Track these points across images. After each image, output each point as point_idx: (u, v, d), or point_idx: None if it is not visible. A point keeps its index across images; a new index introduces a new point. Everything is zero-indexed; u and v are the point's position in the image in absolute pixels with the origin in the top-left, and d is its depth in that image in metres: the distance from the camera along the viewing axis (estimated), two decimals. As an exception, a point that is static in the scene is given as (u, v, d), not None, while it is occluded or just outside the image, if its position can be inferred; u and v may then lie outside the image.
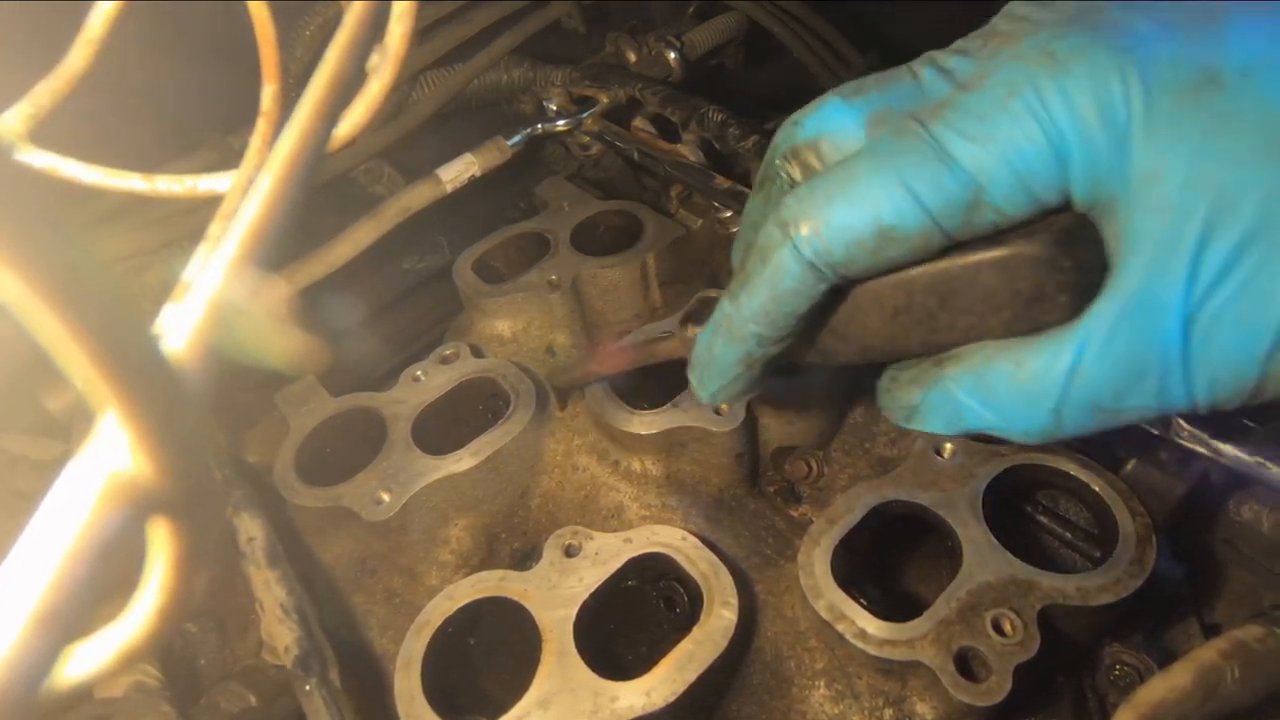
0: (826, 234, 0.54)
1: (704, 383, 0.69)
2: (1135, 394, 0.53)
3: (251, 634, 0.93)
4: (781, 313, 0.59)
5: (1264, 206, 0.47)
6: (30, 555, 0.20)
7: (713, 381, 0.68)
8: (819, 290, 0.57)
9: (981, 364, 0.57)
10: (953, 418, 0.59)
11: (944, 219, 0.52)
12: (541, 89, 1.42)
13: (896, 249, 0.54)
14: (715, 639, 0.74)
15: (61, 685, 0.23)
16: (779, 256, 0.56)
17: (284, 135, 0.32)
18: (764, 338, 0.61)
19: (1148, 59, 0.48)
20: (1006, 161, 0.50)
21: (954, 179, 0.51)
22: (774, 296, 0.58)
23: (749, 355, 0.63)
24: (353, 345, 1.24)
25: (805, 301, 0.58)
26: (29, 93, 0.79)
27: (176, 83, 1.16)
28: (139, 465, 0.21)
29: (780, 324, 0.59)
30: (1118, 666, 0.81)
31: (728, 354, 0.64)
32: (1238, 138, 0.48)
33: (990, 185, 0.51)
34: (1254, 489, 0.89)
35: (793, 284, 0.57)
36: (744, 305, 0.60)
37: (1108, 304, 0.52)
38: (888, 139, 0.54)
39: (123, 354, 0.20)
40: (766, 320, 0.59)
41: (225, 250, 0.28)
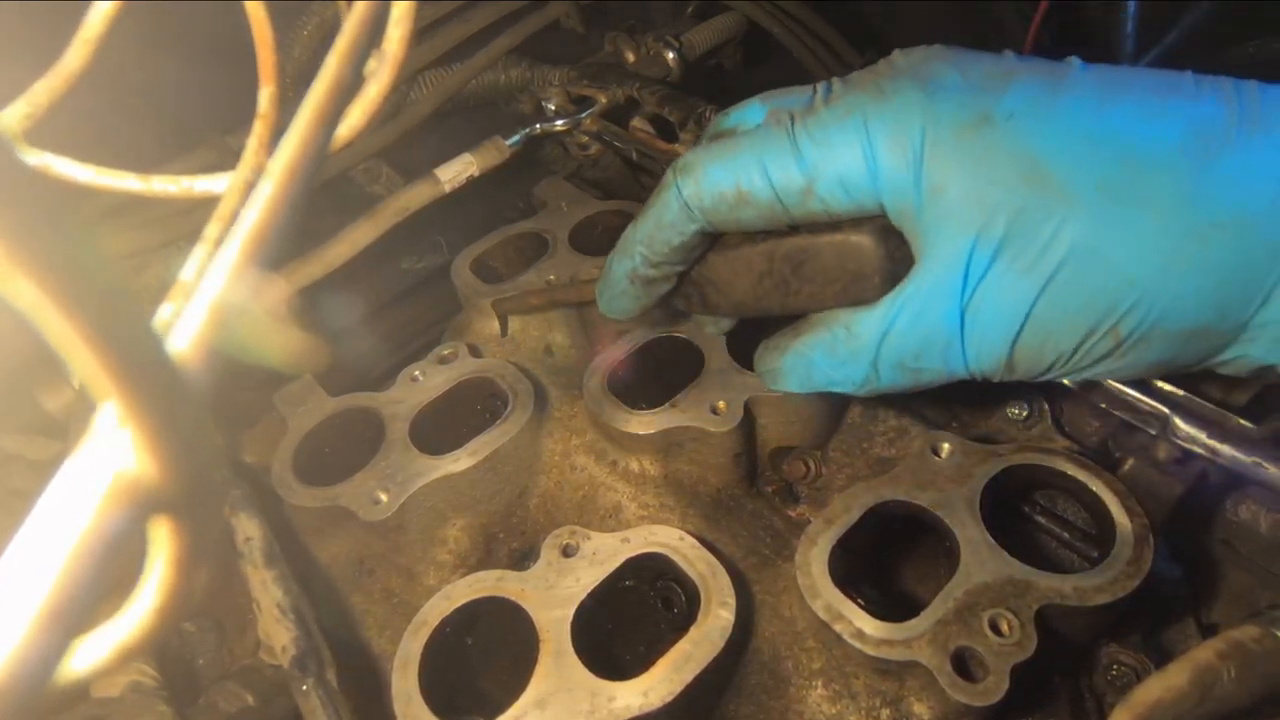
0: (701, 184, 0.69)
1: (600, 293, 0.84)
2: (928, 358, 0.68)
3: (249, 634, 0.93)
4: (660, 239, 0.74)
5: (1012, 220, 0.60)
6: (36, 552, 0.20)
7: (605, 290, 0.82)
8: (690, 229, 0.72)
9: (825, 329, 0.73)
10: (804, 376, 0.76)
11: (785, 197, 0.67)
12: (540, 89, 1.42)
13: (749, 211, 0.69)
14: (713, 639, 0.74)
15: (63, 681, 0.23)
16: (666, 193, 0.72)
17: (284, 143, 0.33)
18: (646, 258, 0.75)
19: (943, 101, 0.62)
20: (833, 165, 0.65)
21: (797, 168, 0.66)
22: (657, 224, 0.73)
23: (633, 271, 0.77)
24: (351, 345, 1.24)
25: (678, 235, 0.72)
26: (26, 91, 0.79)
27: (174, 82, 1.16)
28: (142, 464, 0.21)
29: (659, 249, 0.74)
30: (1115, 666, 0.82)
31: (619, 267, 0.79)
32: (998, 165, 0.60)
33: (820, 180, 0.66)
34: (1251, 489, 0.89)
35: (670, 217, 0.72)
36: (636, 227, 0.76)
37: (910, 288, 0.67)
38: (767, 128, 0.69)
39: (127, 352, 0.20)
40: (648, 243, 0.74)
41: (227, 254, 0.28)
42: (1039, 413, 0.96)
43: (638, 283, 0.78)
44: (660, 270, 0.76)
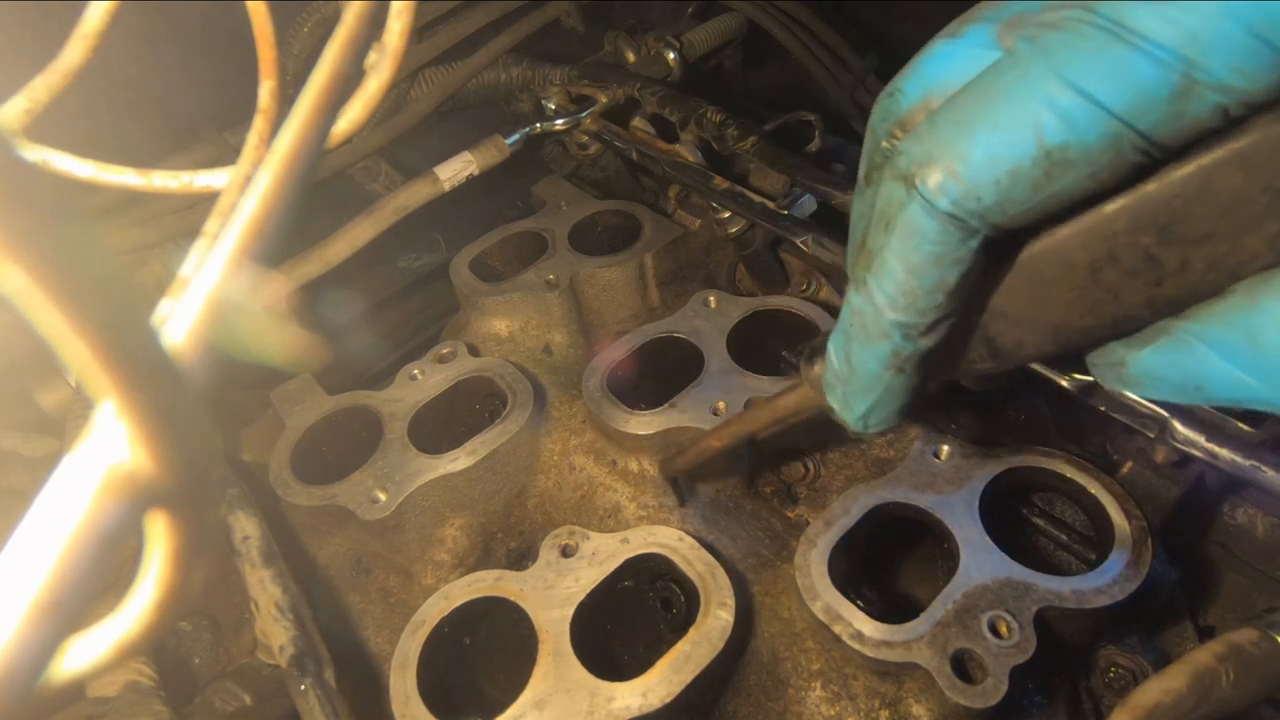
0: (966, 172, 0.42)
1: (849, 404, 0.55)
2: None
3: (246, 633, 0.93)
4: (925, 289, 0.46)
5: None
6: (30, 547, 0.20)
7: (860, 400, 0.54)
8: (968, 250, 0.44)
9: (1241, 305, 0.41)
10: (1190, 381, 0.44)
11: (1139, 118, 0.38)
12: (540, 88, 1.42)
13: (1072, 176, 0.40)
14: (712, 640, 0.74)
15: (59, 678, 0.23)
16: (907, 217, 0.44)
17: (283, 132, 0.32)
18: (909, 327, 0.48)
19: None
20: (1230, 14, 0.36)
21: (1147, 60, 0.37)
22: (911, 270, 0.46)
23: (896, 355, 0.50)
24: (349, 343, 1.24)
25: (953, 269, 0.45)
26: (26, 87, 0.79)
27: (173, 79, 1.15)
28: (138, 458, 0.21)
29: (926, 305, 0.46)
30: (1113, 669, 0.82)
31: (869, 360, 0.51)
32: None
33: (1207, 54, 0.37)
34: (1248, 492, 0.89)
35: (932, 248, 0.44)
36: (876, 292, 0.48)
37: None
38: (1028, 40, 0.41)
39: (124, 347, 0.20)
40: (908, 303, 0.47)
41: (224, 246, 0.28)
42: (1038, 415, 0.96)
43: (908, 368, 0.51)
44: (936, 332, 0.48)
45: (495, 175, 1.30)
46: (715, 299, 1.06)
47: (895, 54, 1.68)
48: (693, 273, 1.23)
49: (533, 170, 1.46)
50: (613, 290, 1.19)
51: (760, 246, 1.16)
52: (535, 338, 1.17)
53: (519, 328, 1.17)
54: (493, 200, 1.45)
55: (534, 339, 1.17)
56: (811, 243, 1.06)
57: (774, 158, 1.12)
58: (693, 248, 1.25)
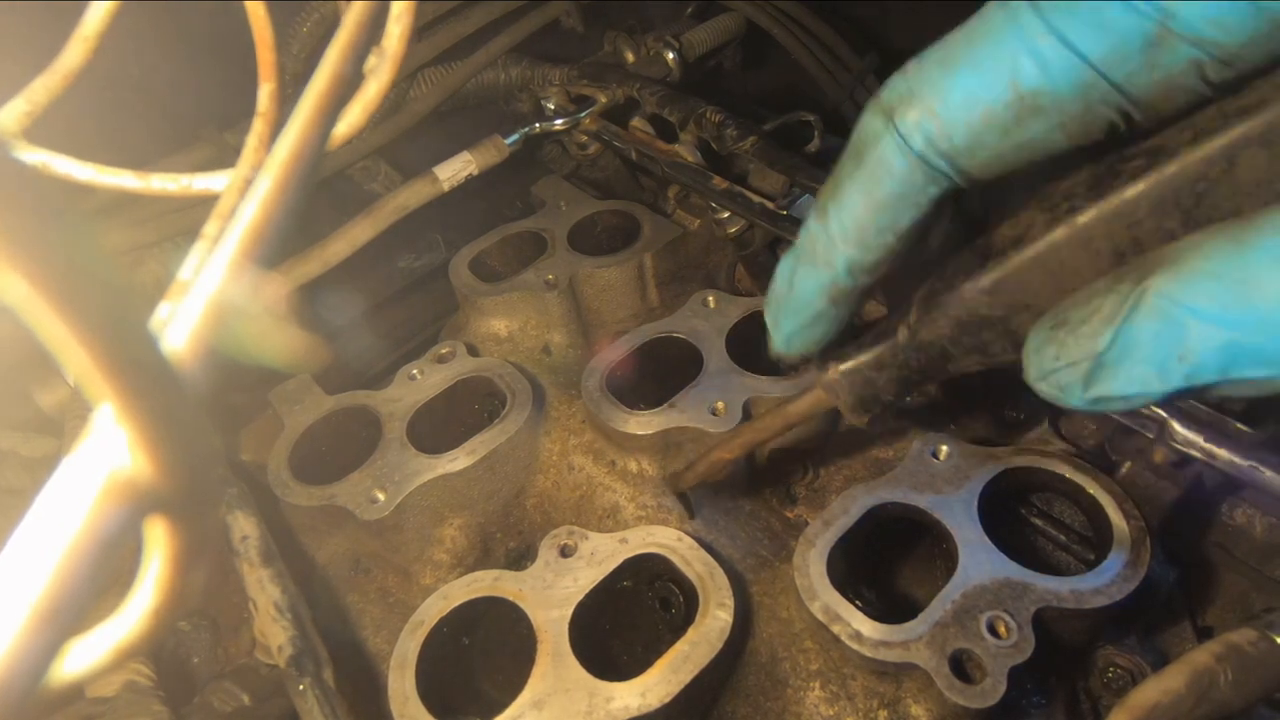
0: (943, 110, 0.42)
1: (778, 321, 0.56)
2: None
3: (245, 633, 0.93)
4: (878, 225, 0.46)
5: None
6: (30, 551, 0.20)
7: (788, 319, 0.55)
8: (927, 197, 0.45)
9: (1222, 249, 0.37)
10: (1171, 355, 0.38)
11: (1113, 67, 0.38)
12: (539, 88, 1.42)
13: (1041, 124, 0.40)
14: (711, 640, 0.74)
15: (58, 682, 0.23)
16: (879, 151, 0.44)
17: (283, 137, 0.32)
18: (855, 262, 0.48)
19: None
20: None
21: (1125, 8, 0.38)
22: (871, 204, 0.46)
23: (834, 285, 0.50)
24: (348, 343, 1.24)
25: (908, 212, 0.45)
26: (25, 89, 0.79)
27: (172, 80, 1.15)
28: (138, 464, 0.21)
29: (875, 243, 0.47)
30: (1111, 669, 0.82)
31: (809, 283, 0.52)
32: None
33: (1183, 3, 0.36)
34: (1247, 493, 0.89)
35: (895, 186, 0.45)
36: (833, 220, 0.48)
37: None
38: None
39: (124, 352, 0.20)
40: (859, 237, 0.47)
41: (225, 250, 0.28)
42: (1036, 415, 0.96)
43: (841, 301, 0.52)
44: (876, 272, 0.50)
45: (494, 175, 1.30)
46: (714, 299, 1.06)
47: (894, 54, 1.68)
48: (692, 273, 1.23)
49: (532, 170, 1.46)
50: (612, 290, 1.19)
51: (759, 246, 1.17)
52: (534, 338, 1.17)
53: (518, 328, 1.17)
54: (492, 200, 1.45)
55: (533, 339, 1.17)
56: (810, 243, 1.06)
57: (773, 158, 1.12)
58: (692, 248, 1.25)
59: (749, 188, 1.16)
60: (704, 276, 1.23)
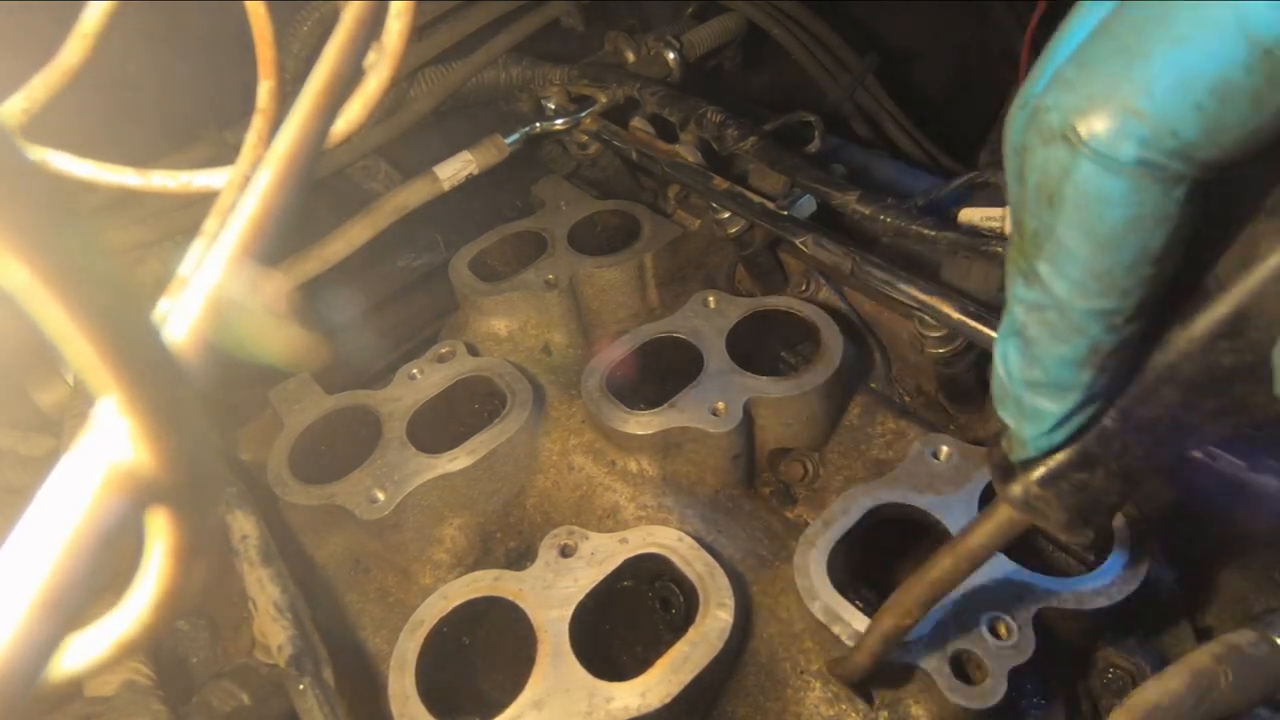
0: (1152, 106, 0.32)
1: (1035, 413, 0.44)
2: None
3: (244, 632, 0.92)
4: (1123, 265, 0.36)
5: None
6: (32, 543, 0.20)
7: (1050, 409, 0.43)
8: (1173, 203, 0.34)
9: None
10: None
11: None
12: (540, 87, 1.42)
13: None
14: (711, 640, 0.74)
15: (59, 675, 0.23)
16: (1078, 182, 0.35)
17: (282, 131, 0.32)
18: (1111, 314, 0.38)
19: None
20: None
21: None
22: (1100, 244, 0.36)
23: (1096, 351, 0.40)
24: (348, 342, 1.24)
25: (1157, 230, 0.35)
26: (24, 86, 0.79)
27: (172, 78, 1.15)
28: (140, 455, 0.21)
29: (1129, 283, 0.37)
30: (1111, 670, 0.82)
31: (1058, 361, 0.41)
32: None
33: None
34: (1246, 494, 0.89)
35: (1123, 213, 0.35)
36: (1055, 281, 0.38)
37: None
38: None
39: (126, 343, 0.20)
40: (1103, 286, 0.37)
41: (224, 245, 0.28)
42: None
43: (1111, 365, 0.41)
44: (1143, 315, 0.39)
45: (495, 175, 1.30)
46: (714, 299, 1.06)
47: (895, 54, 1.68)
48: (692, 273, 1.23)
49: (532, 170, 1.46)
50: (612, 290, 1.19)
51: (759, 247, 1.16)
52: (534, 337, 1.17)
53: (518, 327, 1.17)
54: (492, 200, 1.45)
55: (533, 339, 1.17)
56: (811, 243, 1.06)
57: (774, 158, 1.12)
58: (692, 248, 1.25)
59: (749, 188, 1.16)
60: (704, 276, 1.23)
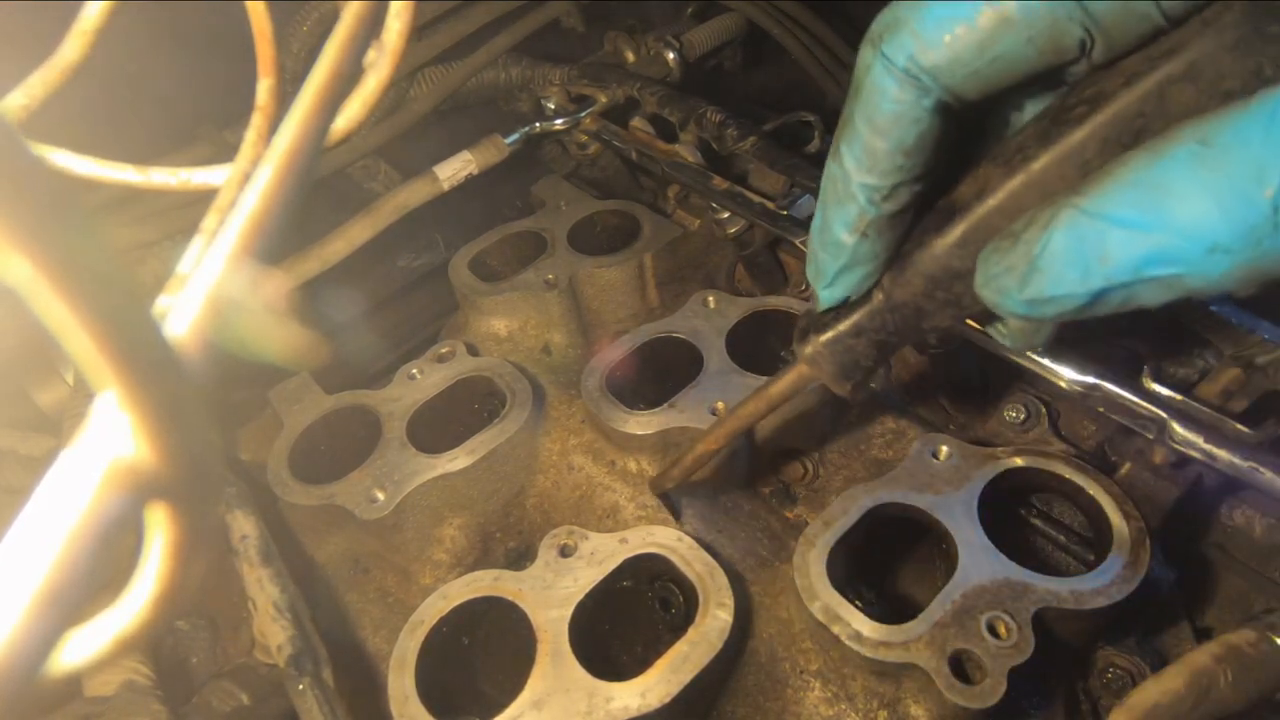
0: (922, 29, 0.47)
1: (819, 270, 0.58)
2: None
3: (244, 632, 0.92)
4: (885, 149, 0.50)
5: None
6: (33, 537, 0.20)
7: (827, 264, 0.57)
8: (924, 110, 0.48)
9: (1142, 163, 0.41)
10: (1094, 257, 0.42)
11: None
12: (539, 87, 1.42)
13: (1012, 38, 0.45)
14: (710, 640, 0.74)
15: (59, 670, 0.23)
16: (870, 77, 0.49)
17: (282, 129, 0.32)
18: (873, 190, 0.51)
19: None
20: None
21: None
22: (874, 129, 0.50)
23: (861, 216, 0.53)
24: (348, 342, 1.23)
25: (911, 127, 0.49)
26: (23, 83, 0.79)
27: (171, 76, 1.15)
28: (140, 450, 0.21)
29: (888, 165, 0.50)
30: (1110, 669, 0.82)
31: (837, 222, 0.54)
32: None
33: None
34: (1246, 494, 0.89)
35: (891, 106, 0.49)
36: (846, 155, 0.52)
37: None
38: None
39: (127, 338, 0.20)
40: (870, 162, 0.50)
41: (224, 242, 0.28)
42: (1036, 416, 0.96)
43: (872, 232, 0.54)
44: (897, 197, 0.52)
45: (494, 175, 1.30)
46: (714, 299, 1.06)
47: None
48: (692, 273, 1.23)
49: (532, 170, 1.46)
50: (612, 290, 1.19)
51: (759, 247, 1.17)
52: (534, 337, 1.17)
53: (518, 327, 1.16)
54: (492, 200, 1.45)
55: (533, 339, 1.17)
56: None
57: (773, 158, 1.12)
58: (692, 248, 1.25)
59: (749, 188, 1.16)
60: (704, 276, 1.23)
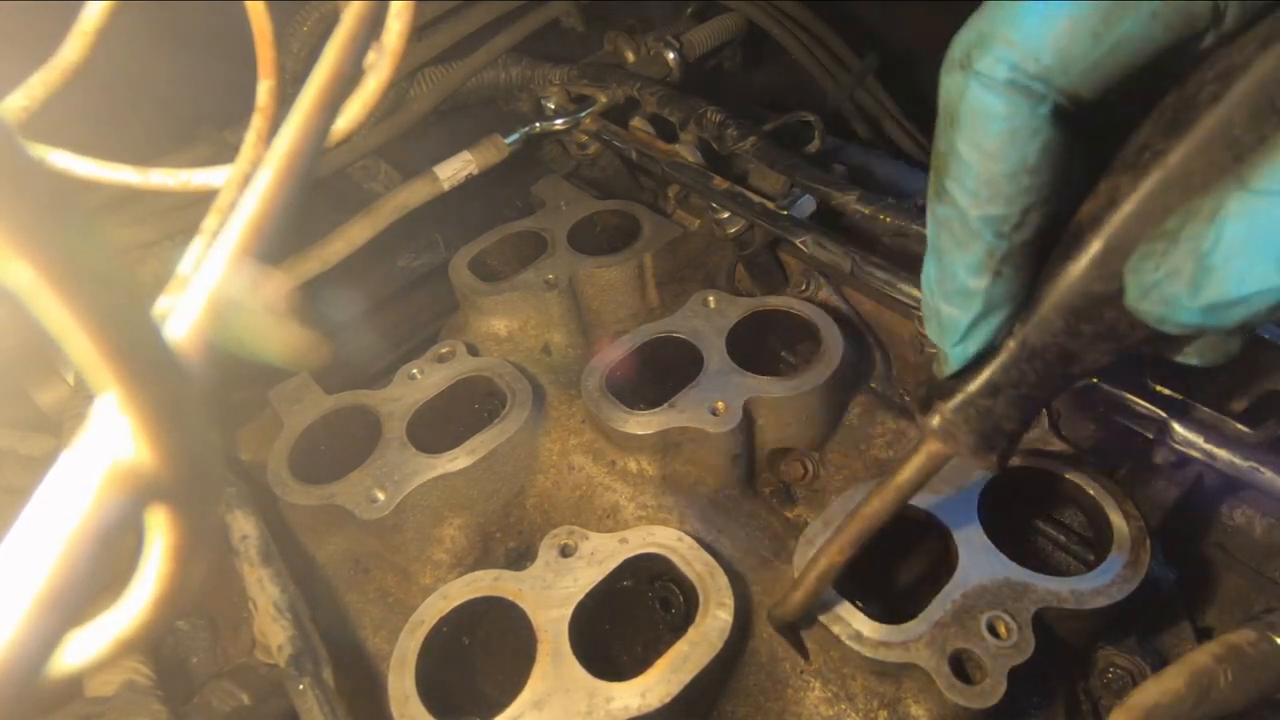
0: (1020, 36, 0.41)
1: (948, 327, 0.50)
2: None
3: (244, 632, 0.92)
4: (1006, 173, 0.44)
5: None
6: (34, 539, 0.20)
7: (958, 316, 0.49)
8: (1040, 119, 0.42)
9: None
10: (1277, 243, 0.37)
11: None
12: (539, 87, 1.42)
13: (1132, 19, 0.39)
14: (711, 640, 0.74)
15: (59, 672, 0.23)
16: (969, 102, 0.43)
17: (283, 130, 0.32)
18: (999, 220, 0.45)
19: None
20: None
21: None
22: (987, 155, 0.44)
23: (991, 255, 0.46)
24: (348, 342, 1.23)
25: (1031, 142, 0.43)
26: (23, 84, 0.79)
27: (171, 76, 1.15)
28: (141, 452, 0.21)
29: (1012, 191, 0.44)
30: (1110, 669, 0.82)
31: (962, 270, 0.48)
32: None
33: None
34: (1246, 493, 0.89)
35: (1002, 125, 0.43)
36: (957, 192, 0.46)
37: None
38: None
39: (128, 340, 0.20)
40: (992, 193, 0.45)
41: (225, 243, 0.28)
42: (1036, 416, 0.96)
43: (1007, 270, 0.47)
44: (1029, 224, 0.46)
45: (494, 175, 1.30)
46: (714, 299, 1.06)
47: (894, 54, 1.68)
48: (692, 273, 1.23)
49: (532, 170, 1.46)
50: (612, 290, 1.19)
51: (759, 246, 1.17)
52: (534, 337, 1.17)
53: (518, 327, 1.16)
54: (492, 200, 1.45)
55: (533, 339, 1.17)
56: (810, 243, 1.06)
57: (773, 158, 1.12)
58: (692, 247, 1.25)
59: (749, 188, 1.16)
60: (704, 276, 1.23)
